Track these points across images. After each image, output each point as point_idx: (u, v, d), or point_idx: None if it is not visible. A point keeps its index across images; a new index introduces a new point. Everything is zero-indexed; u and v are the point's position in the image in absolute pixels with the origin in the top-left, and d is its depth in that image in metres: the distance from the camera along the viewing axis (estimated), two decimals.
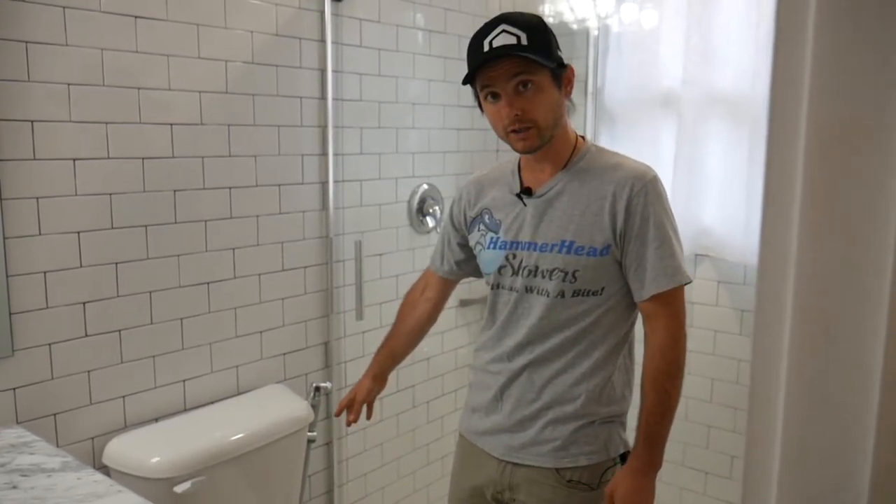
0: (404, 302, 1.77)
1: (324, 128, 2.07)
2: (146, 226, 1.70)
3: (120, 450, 1.63)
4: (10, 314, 1.49)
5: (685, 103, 2.26)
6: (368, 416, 1.76)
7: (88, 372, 1.63)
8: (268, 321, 1.99)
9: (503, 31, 1.32)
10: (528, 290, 1.46)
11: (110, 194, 1.62)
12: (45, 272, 1.54)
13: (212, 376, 1.87)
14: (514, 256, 1.47)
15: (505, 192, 1.51)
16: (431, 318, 1.75)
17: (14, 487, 1.24)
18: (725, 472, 2.39)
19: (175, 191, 1.74)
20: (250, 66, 1.87)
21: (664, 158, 2.35)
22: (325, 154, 2.08)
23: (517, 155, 1.49)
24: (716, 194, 2.25)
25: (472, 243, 1.58)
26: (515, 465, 1.51)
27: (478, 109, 1.46)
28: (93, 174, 1.59)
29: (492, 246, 1.51)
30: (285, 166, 1.99)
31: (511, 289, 1.49)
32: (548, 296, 1.43)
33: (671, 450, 2.46)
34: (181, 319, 1.79)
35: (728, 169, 2.21)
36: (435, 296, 1.73)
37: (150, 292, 1.72)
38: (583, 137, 1.49)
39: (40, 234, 1.52)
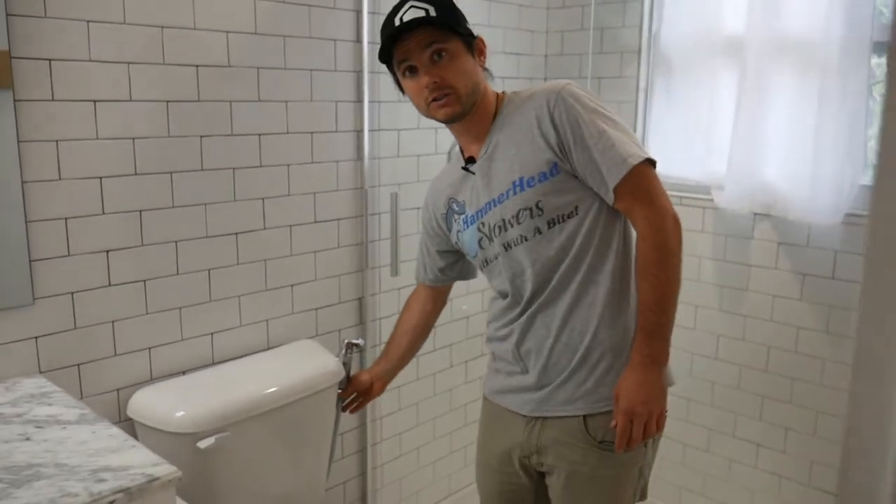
0: (402, 309, 1.79)
1: (359, 73, 1.97)
2: (171, 172, 1.63)
3: (144, 402, 1.59)
4: (30, 261, 1.44)
5: (749, 51, 2.08)
6: (354, 407, 1.84)
7: (112, 322, 1.58)
8: (299, 274, 1.92)
9: (411, 6, 1.35)
10: (507, 246, 1.43)
11: (133, 138, 1.56)
12: (65, 218, 1.48)
13: (240, 330, 1.82)
14: (483, 224, 1.46)
15: (456, 174, 1.53)
16: (427, 325, 1.78)
17: (27, 439, 1.20)
18: (779, 445, 2.26)
19: (201, 136, 1.67)
20: (281, 4, 1.77)
21: (724, 110, 2.18)
22: (360, 101, 1.98)
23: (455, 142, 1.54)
24: (779, 149, 2.08)
25: (454, 240, 1.56)
26: (544, 420, 1.46)
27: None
28: (115, 117, 1.52)
29: (465, 226, 1.50)
30: (318, 113, 1.90)
31: (497, 257, 1.46)
32: (526, 240, 1.40)
33: (722, 420, 2.36)
34: (208, 270, 1.73)
35: (795, 122, 2.04)
36: (430, 305, 1.75)
37: (176, 242, 1.66)
38: (503, 92, 1.49)
39: (60, 178, 1.46)
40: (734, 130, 2.13)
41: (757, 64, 2.06)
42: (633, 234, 1.41)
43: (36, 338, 1.47)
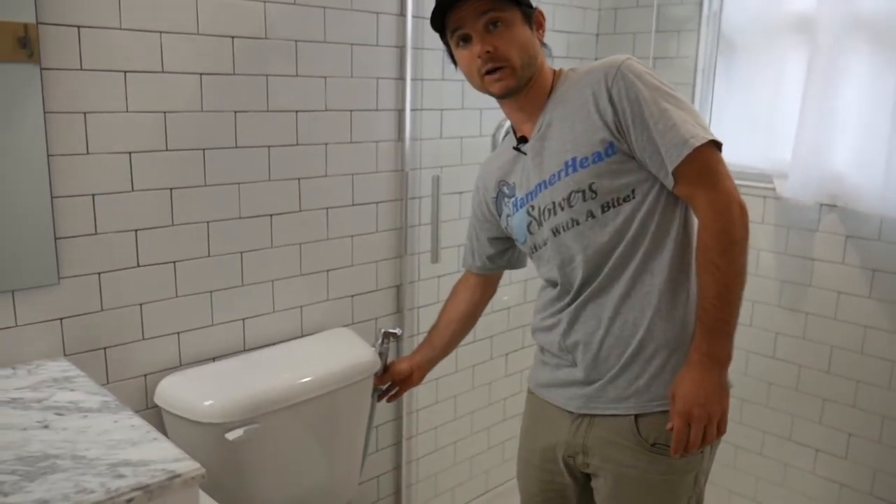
0: (449, 295, 1.70)
1: (402, 48, 1.87)
2: (204, 149, 1.55)
3: (172, 389, 1.52)
4: (56, 239, 1.37)
5: (821, 28, 1.94)
6: (392, 395, 1.76)
7: (141, 305, 1.51)
8: (335, 259, 1.84)
9: None
10: (555, 231, 1.34)
11: (165, 112, 1.48)
12: (93, 195, 1.41)
13: (273, 316, 1.74)
14: (533, 207, 1.37)
15: (508, 155, 1.44)
16: (473, 314, 1.69)
17: (45, 427, 1.13)
18: (840, 450, 2.12)
19: (236, 112, 1.58)
20: None
21: (790, 93, 2.04)
22: (402, 78, 1.88)
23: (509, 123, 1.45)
24: (851, 136, 1.93)
25: (504, 225, 1.48)
26: (592, 418, 1.36)
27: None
28: (146, 89, 1.44)
29: (515, 209, 1.42)
30: (358, 90, 1.80)
31: (545, 242, 1.37)
32: (577, 224, 1.31)
33: (778, 422, 2.23)
34: (241, 253, 1.65)
35: (869, 106, 1.89)
36: (477, 294, 1.66)
37: (208, 222, 1.58)
38: (559, 69, 1.39)
39: (88, 153, 1.39)
40: (801, 114, 1.98)
41: (829, 42, 1.92)
42: (695, 221, 1.30)
43: (61, 319, 1.41)
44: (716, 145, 1.25)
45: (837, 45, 1.91)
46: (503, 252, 1.57)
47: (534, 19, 1.33)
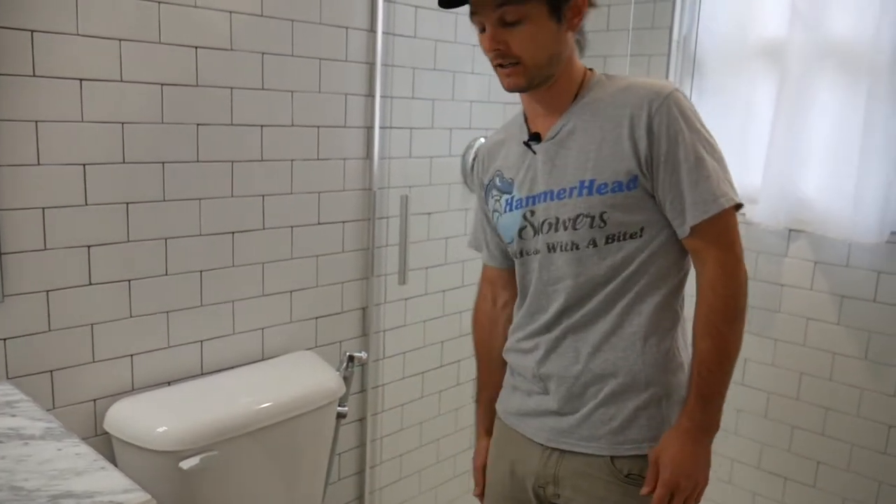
0: (478, 322, 1.50)
1: (371, 65, 1.83)
2: (163, 162, 1.48)
3: (123, 415, 1.43)
4: (1, 254, 1.29)
5: (790, 55, 1.95)
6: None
7: (92, 325, 1.43)
8: (299, 280, 1.77)
9: None
10: (551, 248, 1.26)
11: (122, 123, 1.41)
12: (43, 208, 1.33)
13: (233, 338, 1.66)
14: (532, 213, 1.27)
15: (514, 146, 1.32)
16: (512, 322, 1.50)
17: None
18: (808, 479, 2.11)
19: (198, 124, 1.52)
20: None
21: (760, 119, 2.05)
22: (371, 95, 1.84)
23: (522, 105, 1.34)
24: (820, 161, 1.94)
25: (489, 214, 1.38)
26: (563, 452, 1.28)
27: None
28: (103, 98, 1.38)
29: (508, 209, 1.32)
30: (326, 106, 1.75)
31: (536, 252, 1.29)
32: (577, 248, 1.23)
33: (746, 450, 2.21)
34: (200, 272, 1.58)
35: (838, 132, 1.90)
36: (509, 296, 1.44)
37: (166, 239, 1.51)
38: (591, 70, 1.28)
39: (39, 163, 1.32)
40: (771, 140, 1.99)
41: (799, 69, 1.93)
42: (690, 269, 1.26)
43: (4, 339, 1.32)
44: (738, 207, 1.19)
45: (807, 72, 1.92)
46: None
47: (567, 9, 1.17)
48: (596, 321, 1.25)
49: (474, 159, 1.43)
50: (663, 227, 1.21)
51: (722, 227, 1.18)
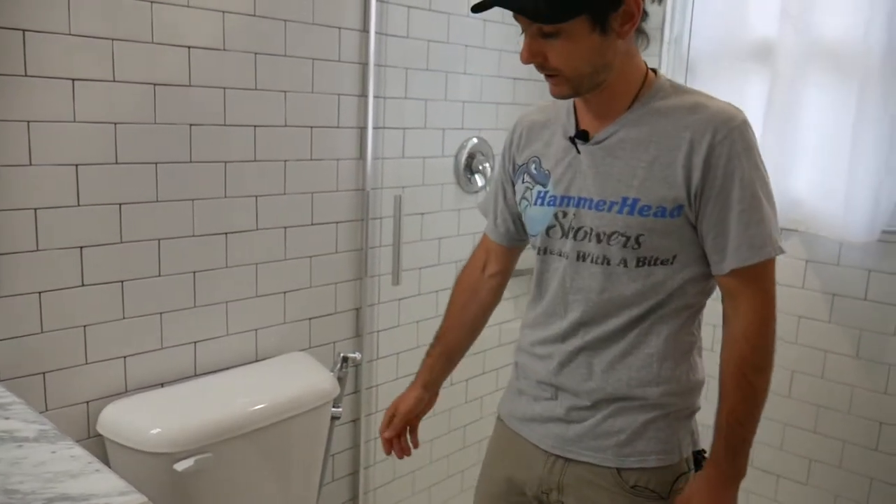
0: (460, 283, 1.47)
1: (364, 65, 1.83)
2: (156, 163, 1.47)
3: (117, 417, 1.42)
4: None
5: (781, 56, 1.96)
6: (413, 444, 1.48)
7: (84, 327, 1.42)
8: (293, 281, 1.77)
9: None
10: (581, 256, 1.21)
11: (115, 123, 1.40)
12: (35, 209, 1.32)
13: (227, 339, 1.66)
14: (565, 215, 1.21)
15: (558, 136, 1.25)
16: (496, 299, 1.47)
17: None
18: (801, 477, 2.12)
19: (191, 125, 1.52)
20: None
21: (751, 119, 2.03)
22: (364, 95, 1.84)
23: None
24: (812, 161, 1.95)
25: (517, 197, 1.32)
26: (567, 460, 1.26)
27: None
28: (95, 98, 1.37)
29: (539, 202, 1.25)
30: (319, 106, 1.75)
31: (561, 254, 1.24)
32: (607, 264, 1.18)
33: None
34: (193, 273, 1.57)
35: (829, 132, 1.91)
36: (499, 269, 1.43)
37: (159, 240, 1.50)
38: (654, 71, 1.20)
39: (31, 164, 1.31)
40: (762, 140, 1.97)
41: (789, 70, 1.94)
42: (712, 294, 1.23)
43: None
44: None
45: (797, 73, 1.93)
46: None
47: (613, 19, 1.07)
48: (614, 340, 1.21)
49: (512, 132, 1.34)
50: (697, 258, 1.17)
51: (762, 273, 1.14)
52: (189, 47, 1.49)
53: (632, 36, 1.13)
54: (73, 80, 1.34)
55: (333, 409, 1.75)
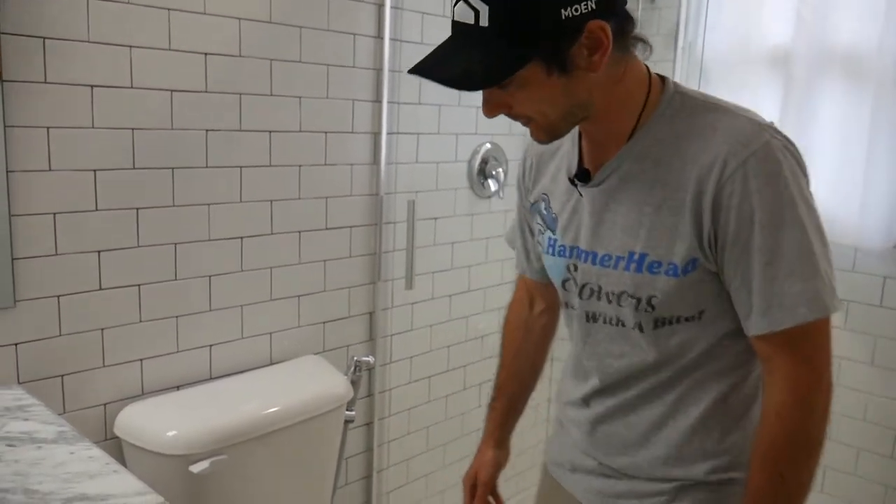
0: (510, 325, 1.32)
1: (379, 71, 1.84)
2: (173, 168, 1.49)
3: (133, 419, 1.44)
4: (13, 259, 1.30)
5: (795, 62, 1.96)
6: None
7: (102, 330, 1.44)
8: (307, 285, 1.78)
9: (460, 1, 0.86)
10: (592, 317, 1.05)
11: (132, 129, 1.42)
12: (54, 213, 1.34)
13: (242, 342, 1.67)
14: (576, 268, 1.04)
15: (563, 172, 1.07)
16: (552, 334, 1.31)
17: None
18: (815, 483, 2.10)
19: (207, 130, 1.53)
20: None
21: None
22: (378, 101, 1.85)
23: None
24: (827, 167, 1.94)
25: (534, 234, 1.17)
26: None
27: None
28: (113, 105, 1.39)
29: (551, 250, 1.09)
30: (334, 112, 1.76)
31: (575, 309, 1.08)
32: (622, 325, 1.01)
33: None
34: (209, 277, 1.59)
35: (844, 138, 1.90)
36: (546, 305, 1.28)
37: (175, 244, 1.52)
38: (662, 80, 0.98)
39: (50, 169, 1.33)
40: None
41: (804, 76, 1.94)
42: None
43: (16, 344, 1.33)
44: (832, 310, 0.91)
45: (812, 79, 1.93)
46: None
47: (576, 53, 0.86)
48: (640, 410, 1.05)
49: (523, 162, 1.18)
50: (728, 307, 0.96)
51: (801, 338, 0.90)
52: (206, 54, 1.50)
53: (611, 60, 0.88)
54: (92, 86, 1.36)
55: (347, 413, 1.76)
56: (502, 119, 0.93)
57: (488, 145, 2.16)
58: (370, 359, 1.87)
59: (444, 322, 2.16)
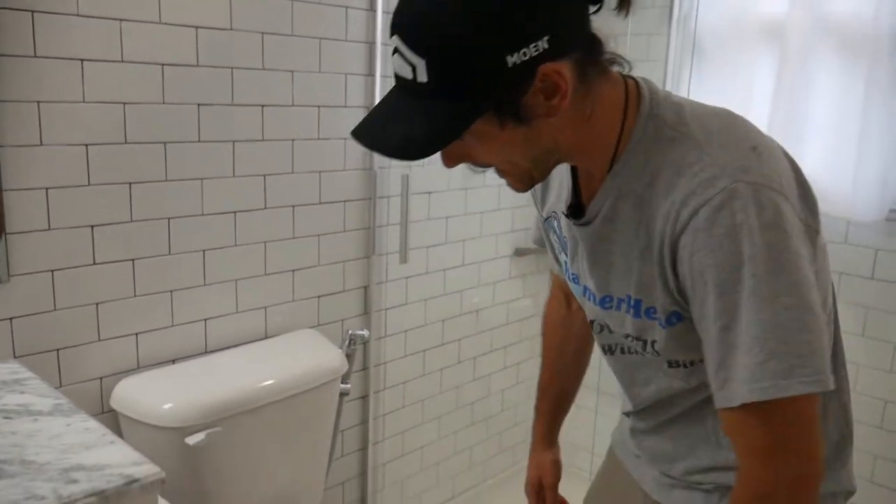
0: (549, 325, 1.28)
1: (371, 44, 1.83)
2: (165, 143, 1.49)
3: (129, 393, 1.45)
4: (6, 234, 1.30)
5: (790, 34, 1.94)
6: None
7: (97, 304, 1.44)
8: (301, 259, 1.79)
9: (396, 50, 0.77)
10: (609, 349, 1.01)
11: (124, 103, 1.42)
12: (46, 188, 1.34)
13: (236, 316, 1.68)
14: (586, 297, 1.00)
15: (563, 193, 0.98)
16: (585, 336, 1.26)
17: None
18: None
19: (199, 105, 1.53)
20: None
21: (759, 98, 2.04)
22: (371, 75, 1.84)
23: None
24: (820, 140, 1.94)
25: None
26: None
27: None
28: (104, 79, 1.38)
29: (567, 274, 1.04)
30: (326, 86, 1.76)
31: (596, 337, 1.05)
32: (640, 354, 0.95)
33: None
34: (203, 251, 1.59)
35: (838, 110, 1.90)
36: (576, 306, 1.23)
37: (169, 219, 1.52)
38: (638, 89, 0.86)
39: (41, 144, 1.32)
40: (770, 118, 1.99)
41: (798, 49, 1.93)
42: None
43: (11, 319, 1.34)
44: (810, 393, 0.76)
45: (807, 51, 1.92)
46: None
47: (532, 100, 0.76)
48: (679, 425, 1.00)
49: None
50: None
51: (759, 420, 0.77)
52: (196, 27, 1.49)
53: (575, 98, 0.78)
54: (82, 60, 1.35)
55: (342, 386, 1.78)
56: None
57: None
58: (365, 332, 1.89)
59: (438, 296, 2.16)
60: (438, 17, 0.72)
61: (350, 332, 1.87)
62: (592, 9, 0.79)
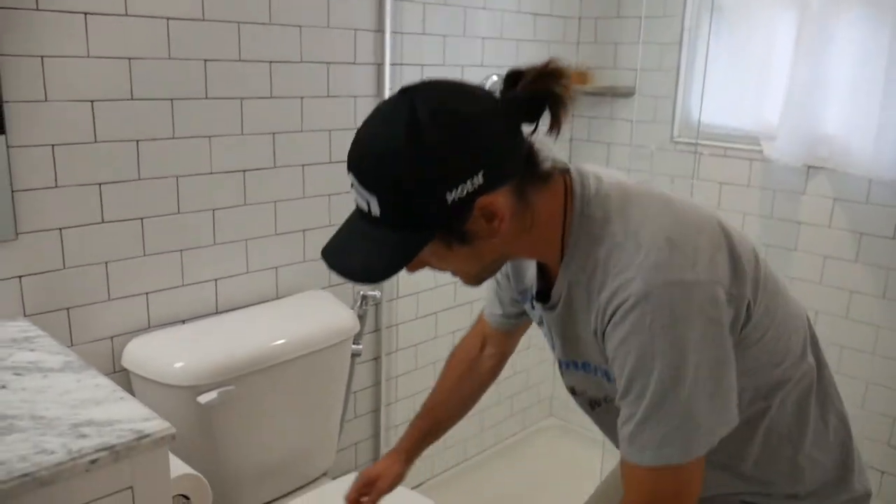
0: (456, 357, 1.33)
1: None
2: (172, 99, 1.46)
3: (141, 352, 1.44)
4: (13, 191, 1.29)
5: None
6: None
7: (106, 263, 1.43)
8: (312, 219, 1.76)
9: (353, 183, 0.84)
10: (594, 404, 1.06)
11: (129, 59, 1.39)
12: (52, 145, 1.32)
13: (247, 276, 1.66)
14: (560, 363, 1.07)
15: (530, 274, 1.06)
16: (493, 378, 1.33)
17: (3, 387, 1.06)
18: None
19: (206, 60, 1.50)
20: None
21: (781, 52, 1.99)
22: (381, 31, 1.80)
23: None
24: (842, 97, 1.89)
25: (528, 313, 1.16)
26: None
27: None
28: (108, 33, 1.35)
29: (546, 336, 1.09)
30: (335, 41, 1.72)
31: (580, 399, 1.10)
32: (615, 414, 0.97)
33: None
34: (213, 210, 1.57)
35: (860, 68, 1.84)
36: (497, 351, 1.30)
37: (177, 177, 1.50)
38: (569, 187, 0.92)
39: (46, 99, 1.30)
40: (791, 75, 1.94)
41: (820, 3, 1.86)
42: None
43: (20, 277, 1.33)
44: (689, 464, 0.86)
45: (829, 6, 1.86)
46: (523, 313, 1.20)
47: (474, 225, 0.84)
48: None
49: None
50: (740, 375, 0.90)
51: (642, 479, 0.89)
52: None
53: (515, 215, 0.86)
54: (86, 14, 1.32)
55: (354, 347, 1.77)
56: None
57: (495, 77, 2.11)
58: (376, 293, 1.87)
59: None
60: (385, 158, 0.81)
61: (361, 292, 1.86)
62: (529, 128, 0.86)
